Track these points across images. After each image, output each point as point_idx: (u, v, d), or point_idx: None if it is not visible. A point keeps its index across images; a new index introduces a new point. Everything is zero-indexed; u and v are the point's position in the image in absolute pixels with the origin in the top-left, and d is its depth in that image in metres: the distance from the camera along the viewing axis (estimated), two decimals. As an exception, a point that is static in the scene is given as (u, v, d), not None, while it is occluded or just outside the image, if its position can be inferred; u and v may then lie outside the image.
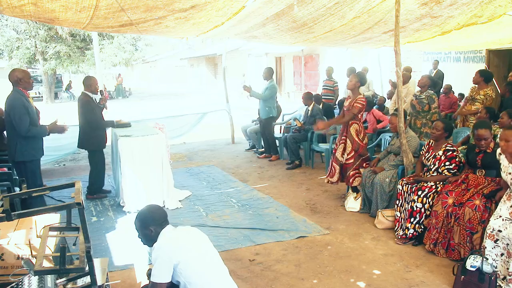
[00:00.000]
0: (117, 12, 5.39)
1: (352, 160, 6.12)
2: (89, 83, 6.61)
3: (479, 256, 3.80)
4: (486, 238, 3.95)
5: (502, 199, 3.93)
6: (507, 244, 3.77)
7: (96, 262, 3.09)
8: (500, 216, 3.86)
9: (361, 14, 6.61)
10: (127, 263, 4.55)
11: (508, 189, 3.89)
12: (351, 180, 6.14)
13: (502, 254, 3.84)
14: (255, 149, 10.03)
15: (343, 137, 6.16)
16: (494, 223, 3.89)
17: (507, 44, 9.73)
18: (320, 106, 9.21)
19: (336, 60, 17.44)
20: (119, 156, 6.14)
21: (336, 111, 10.54)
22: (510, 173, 3.75)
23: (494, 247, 3.88)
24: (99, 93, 6.82)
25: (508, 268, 3.75)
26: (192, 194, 6.88)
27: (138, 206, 6.10)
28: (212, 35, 8.27)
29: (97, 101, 6.78)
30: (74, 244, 2.90)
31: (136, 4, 5.18)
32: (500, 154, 3.98)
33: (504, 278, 3.80)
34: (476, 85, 7.27)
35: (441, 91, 10.89)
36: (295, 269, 4.40)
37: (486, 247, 3.91)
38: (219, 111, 11.77)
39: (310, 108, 8.75)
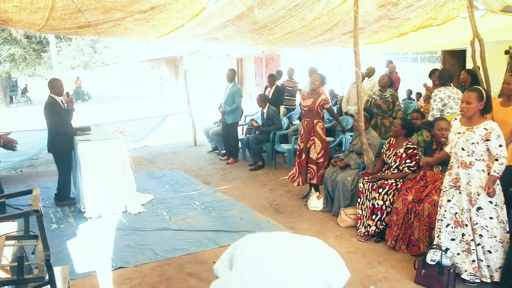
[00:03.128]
0: (74, 13, 5.27)
1: (322, 159, 6.19)
2: (54, 85, 6.40)
3: (438, 250, 3.90)
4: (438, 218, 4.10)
5: (447, 172, 4.06)
6: (455, 213, 3.91)
7: (57, 270, 3.00)
8: (446, 187, 4.01)
9: (320, 15, 6.69)
10: (90, 270, 4.45)
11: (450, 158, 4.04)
12: (321, 180, 6.23)
13: (448, 225, 3.97)
14: (217, 151, 9.99)
15: (311, 137, 6.21)
16: (442, 197, 4.05)
17: (461, 45, 10.03)
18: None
19: (297, 61, 17.59)
20: (79, 161, 6.01)
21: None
22: (459, 133, 3.87)
23: (442, 219, 4.02)
24: (65, 95, 6.62)
25: (454, 239, 3.93)
26: (154, 197, 6.80)
27: (100, 211, 5.99)
28: (173, 37, 8.20)
29: (65, 104, 6.59)
30: (33, 253, 2.81)
31: (94, 6, 5.08)
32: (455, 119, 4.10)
33: (446, 250, 3.93)
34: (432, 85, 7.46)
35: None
36: (260, 270, 4.40)
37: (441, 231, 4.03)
38: (180, 113, 11.68)
39: (265, 110, 8.78)
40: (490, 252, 3.83)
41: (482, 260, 3.85)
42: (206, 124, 10.76)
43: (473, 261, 3.87)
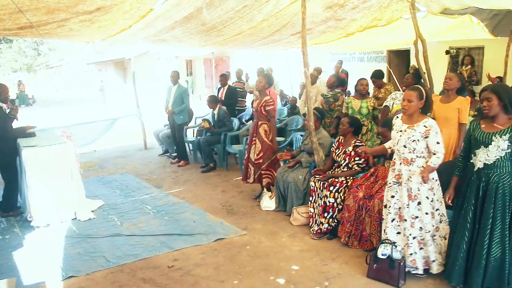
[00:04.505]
0: (14, 13, 5.08)
1: (261, 160, 6.24)
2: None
3: (389, 245, 4.01)
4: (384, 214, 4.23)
5: (390, 168, 4.20)
6: (399, 208, 4.05)
7: (2, 283, 2.89)
8: (390, 183, 4.14)
9: (269, 17, 6.74)
10: (38, 281, 4.30)
11: (393, 155, 4.17)
12: (261, 178, 6.28)
13: (393, 220, 4.10)
14: (168, 154, 9.88)
15: (253, 138, 6.27)
16: (387, 193, 4.18)
17: (405, 45, 10.36)
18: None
19: (246, 62, 17.65)
20: (24, 168, 5.79)
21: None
22: (401, 131, 4.01)
23: (387, 214, 4.14)
24: (9, 102, 6.33)
25: (399, 232, 4.07)
26: (105, 203, 6.64)
27: (48, 219, 5.80)
28: (120, 39, 8.06)
29: (7, 111, 6.30)
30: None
31: (35, 6, 4.91)
32: (396, 117, 4.23)
33: (394, 243, 4.05)
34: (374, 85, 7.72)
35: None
36: (214, 272, 4.39)
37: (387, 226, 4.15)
38: (130, 116, 11.47)
39: (215, 111, 8.76)
40: (426, 245, 4.00)
41: (416, 253, 4.02)
42: (156, 126, 10.62)
43: (411, 254, 4.02)
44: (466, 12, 7.04)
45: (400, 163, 4.01)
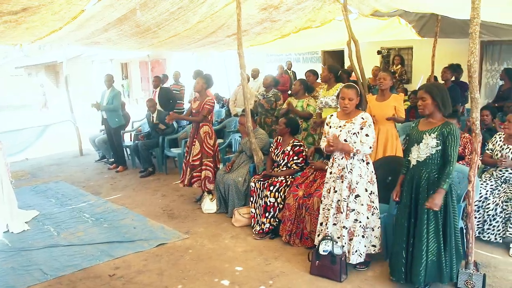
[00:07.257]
0: None
1: (198, 162, 6.19)
2: None
3: (329, 241, 4.10)
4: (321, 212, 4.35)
5: (329, 164, 4.31)
6: (338, 201, 4.15)
7: None
8: (329, 178, 4.26)
9: (204, 18, 6.73)
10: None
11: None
12: (191, 181, 6.23)
13: (334, 214, 4.18)
14: (105, 160, 9.63)
15: (194, 139, 6.22)
16: (325, 188, 4.30)
17: (339, 45, 10.64)
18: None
19: (183, 64, 17.51)
20: None
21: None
22: (340, 126, 4.14)
23: (329, 208, 4.23)
24: None
25: (335, 224, 4.17)
26: (40, 213, 6.38)
27: (-23, 233, 5.51)
28: (50, 41, 7.76)
29: None
30: None
31: (-49, 5, 4.63)
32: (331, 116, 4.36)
33: (331, 238, 4.15)
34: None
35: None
36: (158, 278, 4.33)
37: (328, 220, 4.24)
38: (63, 122, 11.06)
39: (154, 115, 8.62)
40: (358, 235, 4.11)
41: (345, 244, 4.12)
42: (92, 132, 10.32)
43: (342, 246, 4.13)
44: (394, 14, 7.35)
45: (342, 158, 4.12)
